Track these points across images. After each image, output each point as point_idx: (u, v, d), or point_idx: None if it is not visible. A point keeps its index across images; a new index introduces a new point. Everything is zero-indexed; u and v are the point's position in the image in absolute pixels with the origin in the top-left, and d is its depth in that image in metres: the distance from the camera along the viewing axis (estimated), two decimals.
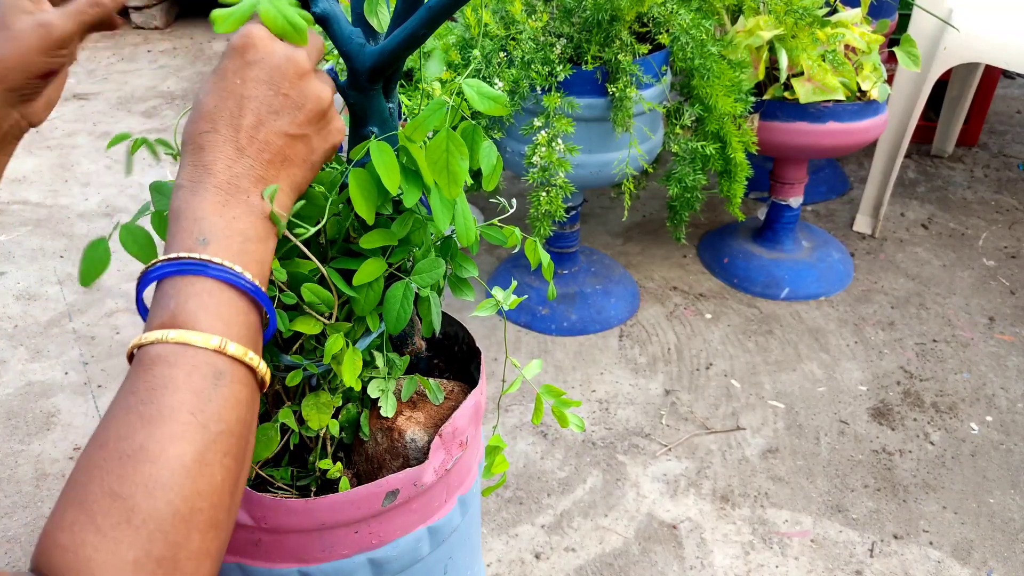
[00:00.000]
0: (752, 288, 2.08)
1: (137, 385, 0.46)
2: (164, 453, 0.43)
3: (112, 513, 0.42)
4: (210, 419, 0.46)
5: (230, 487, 0.47)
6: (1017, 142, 2.84)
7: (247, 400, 0.49)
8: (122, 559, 0.41)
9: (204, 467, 0.45)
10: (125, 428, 0.44)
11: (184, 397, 0.45)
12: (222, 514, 0.46)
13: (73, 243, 2.33)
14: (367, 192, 0.63)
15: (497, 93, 0.61)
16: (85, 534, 0.41)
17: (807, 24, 1.74)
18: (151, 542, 0.42)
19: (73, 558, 0.41)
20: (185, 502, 0.43)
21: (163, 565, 0.42)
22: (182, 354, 0.46)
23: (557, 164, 1.57)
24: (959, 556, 1.39)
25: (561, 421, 0.79)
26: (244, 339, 0.49)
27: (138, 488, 0.42)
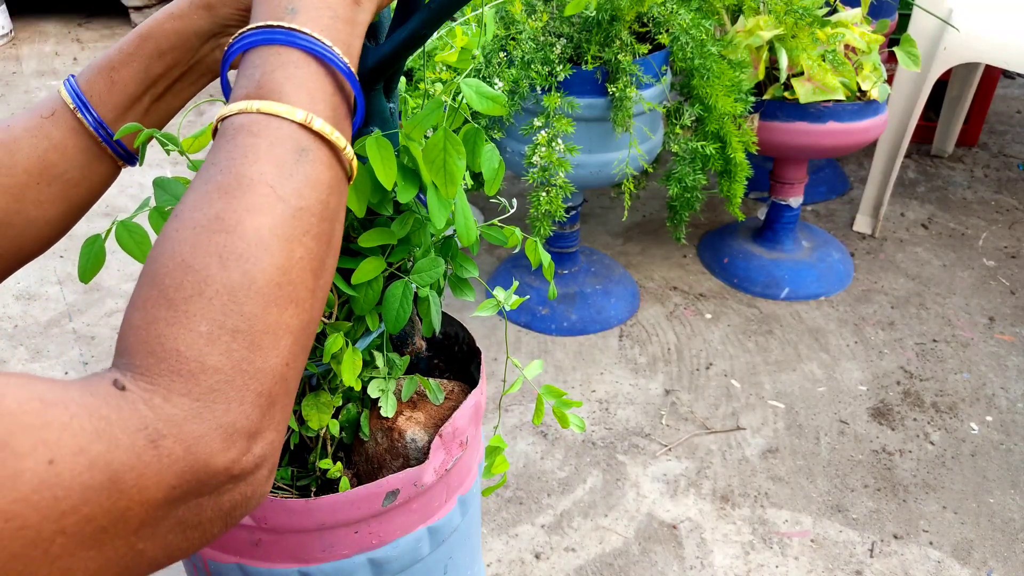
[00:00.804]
0: (752, 288, 2.08)
1: (218, 156, 0.44)
2: (240, 224, 0.41)
3: (185, 285, 0.40)
4: (290, 194, 0.43)
5: (312, 267, 0.44)
6: (1017, 142, 2.84)
7: (331, 183, 0.46)
8: (194, 331, 0.39)
9: (283, 241, 0.42)
10: (202, 199, 0.43)
11: (265, 168, 0.43)
12: (303, 292, 0.43)
13: (73, 243, 2.33)
14: (360, 186, 0.63)
15: (496, 93, 0.61)
16: (157, 310, 0.40)
17: (807, 24, 1.74)
18: (225, 313, 0.40)
19: (145, 336, 0.39)
20: (263, 274, 0.41)
21: (238, 337, 0.40)
22: (266, 125, 0.44)
23: (557, 164, 1.57)
24: (959, 556, 1.39)
25: (562, 422, 0.79)
26: (332, 118, 0.47)
27: (212, 259, 0.40)
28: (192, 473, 0.38)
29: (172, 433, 0.37)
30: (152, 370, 0.38)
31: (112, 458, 0.35)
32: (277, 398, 0.42)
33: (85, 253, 0.69)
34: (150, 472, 0.36)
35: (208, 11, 0.59)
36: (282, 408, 0.43)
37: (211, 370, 0.39)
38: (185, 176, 0.74)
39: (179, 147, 0.72)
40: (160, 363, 0.38)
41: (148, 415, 0.37)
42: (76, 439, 0.34)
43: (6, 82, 3.41)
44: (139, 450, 0.36)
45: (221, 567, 0.78)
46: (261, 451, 0.41)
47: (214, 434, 0.38)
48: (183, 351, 0.39)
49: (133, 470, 0.36)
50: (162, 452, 0.37)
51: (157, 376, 0.38)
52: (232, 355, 0.40)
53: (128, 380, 0.38)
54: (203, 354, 0.39)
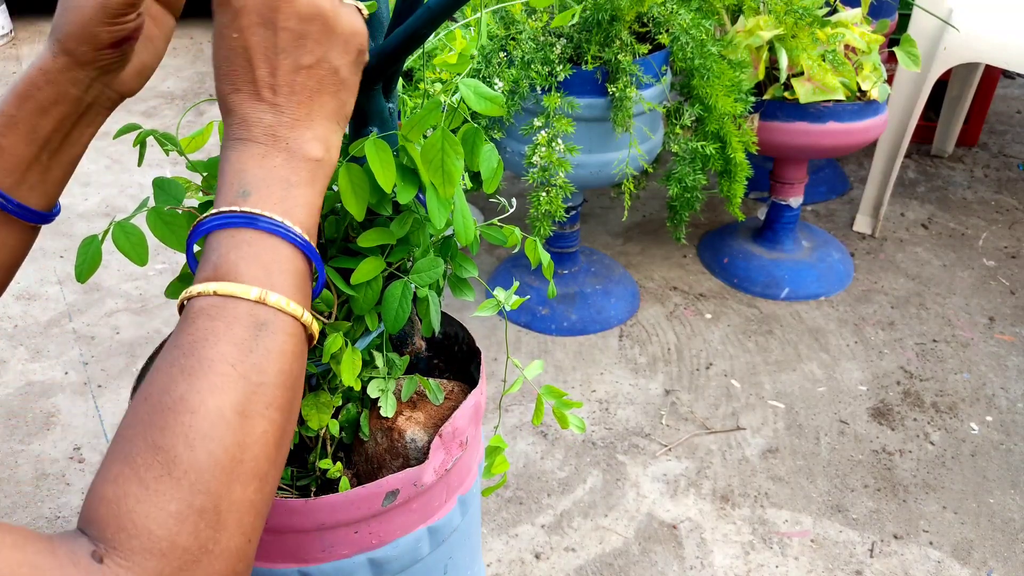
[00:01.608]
0: (752, 288, 2.08)
1: (181, 339, 0.46)
2: (203, 404, 0.44)
3: (154, 465, 0.42)
4: (250, 370, 0.46)
5: (274, 439, 0.46)
6: (1017, 142, 2.84)
7: (292, 351, 0.48)
8: (164, 511, 0.41)
9: (245, 418, 0.45)
10: (167, 381, 0.45)
11: (224, 349, 0.45)
12: (265, 466, 0.46)
13: (73, 243, 2.33)
14: (359, 188, 0.63)
15: (494, 93, 0.61)
16: (128, 486, 0.42)
17: (807, 24, 1.74)
18: (192, 493, 0.42)
19: (116, 511, 0.41)
20: (226, 452, 0.43)
21: (205, 516, 0.42)
22: (222, 306, 0.46)
23: (557, 164, 1.57)
24: (959, 556, 1.39)
25: (561, 422, 0.79)
26: (288, 288, 0.49)
27: (178, 439, 0.43)
28: None
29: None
30: (125, 546, 0.41)
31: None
32: (240, 570, 0.44)
33: (82, 253, 0.69)
34: None
35: (70, 57, 0.58)
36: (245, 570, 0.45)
37: (180, 550, 0.41)
38: (185, 176, 0.74)
39: (178, 147, 0.72)
40: (132, 540, 0.41)
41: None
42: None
43: (6, 82, 3.41)
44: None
45: None
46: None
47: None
48: (154, 530, 0.41)
49: None
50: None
51: (130, 552, 0.41)
52: (199, 535, 0.42)
53: (103, 552, 0.41)
54: (173, 534, 0.41)
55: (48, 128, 0.60)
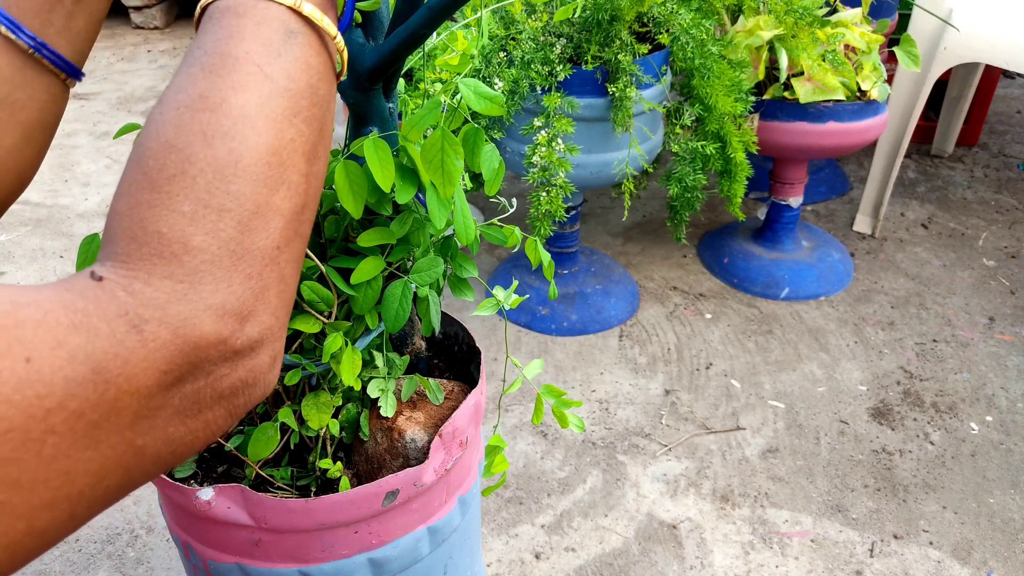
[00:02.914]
0: (752, 288, 2.08)
1: (203, 39, 0.42)
2: (226, 101, 0.40)
3: (167, 166, 0.38)
4: (278, 73, 0.42)
5: (304, 149, 0.42)
6: (1017, 142, 2.84)
7: (320, 69, 0.44)
8: (176, 211, 0.37)
9: (271, 120, 0.41)
10: (186, 80, 0.41)
11: (251, 47, 0.41)
12: (294, 176, 0.41)
13: (73, 243, 2.33)
14: (356, 186, 0.63)
15: (494, 93, 0.61)
16: (140, 193, 0.38)
17: (807, 24, 1.74)
18: (210, 192, 0.38)
19: (128, 222, 0.38)
20: (250, 152, 0.39)
21: (224, 216, 0.38)
22: (252, 5, 0.42)
23: (557, 164, 1.57)
24: (959, 556, 1.39)
25: (561, 421, 0.79)
26: (319, 5, 0.45)
27: (195, 137, 0.39)
28: (182, 356, 0.36)
29: (155, 317, 0.36)
30: (133, 255, 0.37)
31: (93, 348, 0.34)
32: (270, 283, 0.40)
33: (83, 251, 0.69)
34: (136, 358, 0.35)
35: None
36: (278, 294, 0.41)
37: (195, 250, 0.37)
38: None
39: None
40: (141, 247, 0.37)
41: (128, 301, 0.36)
42: (52, 333, 0.33)
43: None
44: (121, 337, 0.35)
45: (221, 567, 0.78)
46: (256, 334, 0.40)
47: (202, 315, 0.37)
48: (165, 232, 0.37)
49: (117, 358, 0.34)
50: (147, 337, 0.35)
51: (138, 261, 0.37)
52: (218, 234, 0.38)
53: (107, 269, 0.37)
54: (186, 234, 0.37)
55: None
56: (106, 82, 3.47)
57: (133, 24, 4.14)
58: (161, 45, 3.90)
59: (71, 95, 0.84)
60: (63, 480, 0.33)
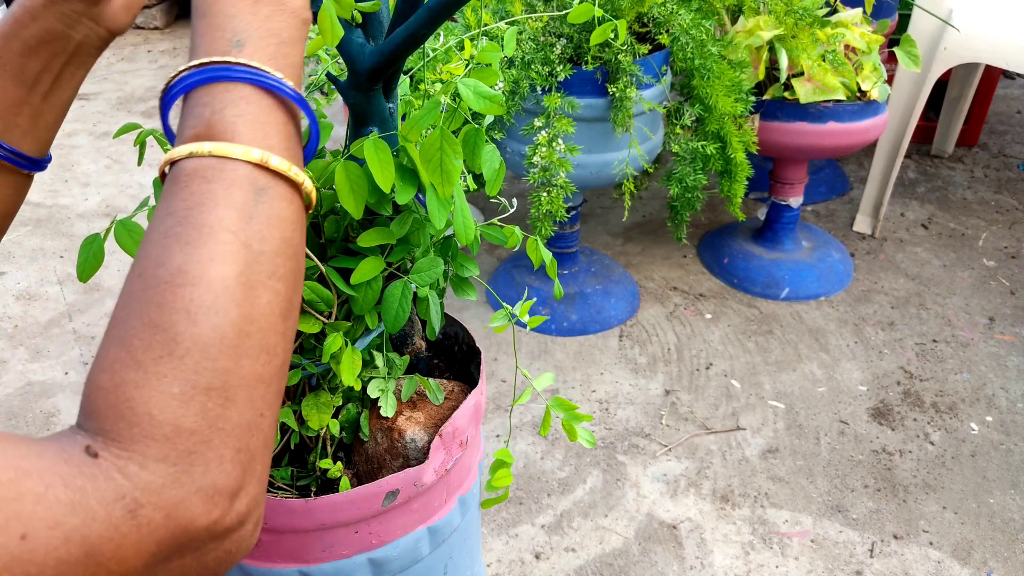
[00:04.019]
0: (752, 288, 2.08)
1: (173, 205, 0.42)
2: (205, 275, 0.40)
3: (153, 346, 0.38)
4: (252, 238, 0.42)
5: (280, 310, 0.43)
6: (1017, 142, 2.84)
7: (292, 219, 0.45)
8: (165, 394, 0.37)
9: (249, 289, 0.41)
10: (162, 252, 0.40)
11: (223, 214, 0.41)
12: (273, 338, 0.42)
13: (73, 243, 2.33)
14: (357, 186, 0.63)
15: (494, 93, 0.61)
16: (125, 373, 0.38)
17: (807, 24, 1.74)
18: (197, 372, 0.38)
19: (114, 400, 0.37)
20: (232, 326, 0.40)
21: (212, 395, 0.38)
22: (220, 168, 0.42)
23: (558, 164, 1.57)
24: (959, 556, 1.39)
25: (570, 435, 0.79)
26: (286, 153, 0.45)
27: (179, 315, 0.39)
28: (173, 539, 0.37)
29: (151, 501, 0.36)
30: (124, 435, 0.37)
31: (89, 531, 0.34)
32: (256, 451, 0.41)
33: (84, 252, 0.69)
34: (129, 542, 0.35)
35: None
36: (262, 460, 0.42)
37: (187, 432, 0.38)
38: None
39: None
40: (132, 428, 0.37)
41: (124, 484, 0.36)
42: (51, 512, 0.33)
43: None
44: (117, 521, 0.35)
45: None
46: (244, 508, 0.40)
47: (194, 497, 0.37)
48: (156, 415, 0.37)
49: (111, 542, 0.35)
50: (141, 521, 0.36)
51: (130, 442, 0.37)
52: (207, 414, 0.38)
53: (100, 446, 0.37)
54: (177, 416, 0.37)
55: (36, 68, 0.58)
56: (106, 82, 3.47)
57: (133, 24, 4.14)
58: (161, 45, 3.90)
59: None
60: None
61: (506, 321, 0.77)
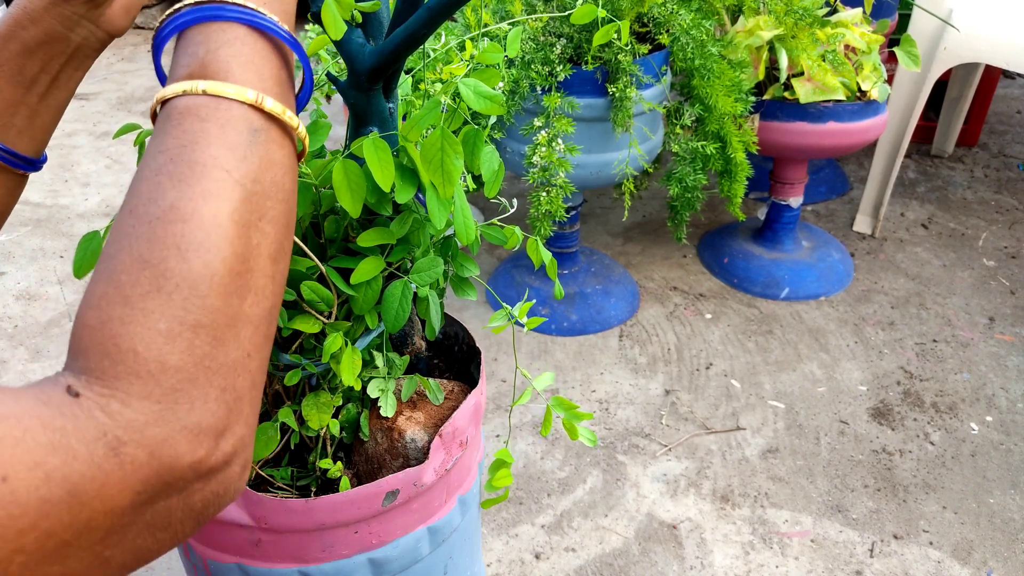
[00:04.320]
0: (752, 288, 2.08)
1: (166, 142, 0.41)
2: (197, 212, 0.39)
3: (141, 281, 0.38)
4: (246, 177, 0.41)
5: (270, 252, 0.42)
6: (1017, 142, 2.84)
7: (284, 163, 0.44)
8: (152, 330, 0.37)
9: (241, 228, 0.40)
10: (154, 189, 0.40)
11: (217, 152, 0.41)
12: (262, 280, 0.42)
13: (73, 243, 2.33)
14: (355, 185, 0.63)
15: (494, 92, 0.61)
16: (112, 309, 0.37)
17: (807, 24, 1.74)
18: (185, 309, 0.38)
19: (100, 337, 0.37)
20: (223, 264, 0.39)
21: (199, 332, 0.38)
22: (214, 107, 0.42)
23: (557, 164, 1.57)
24: (959, 556, 1.39)
25: (571, 434, 0.79)
26: (280, 97, 0.45)
27: (170, 250, 0.38)
28: (158, 477, 0.36)
29: (133, 439, 0.36)
30: (108, 373, 0.36)
31: (70, 471, 0.34)
32: (243, 392, 0.40)
33: (82, 249, 0.69)
34: (112, 481, 0.35)
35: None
36: (250, 401, 0.41)
37: (172, 369, 0.37)
38: None
39: None
40: (116, 365, 0.37)
41: (106, 422, 0.35)
42: (30, 454, 0.33)
43: None
44: (99, 460, 0.35)
45: (221, 567, 0.78)
46: (231, 447, 0.40)
47: (179, 435, 0.37)
48: (141, 351, 0.37)
49: (94, 480, 0.34)
50: (124, 459, 0.35)
51: (114, 379, 0.36)
52: (194, 352, 0.38)
53: (83, 385, 0.36)
54: (163, 353, 0.37)
55: (35, 70, 0.58)
56: (106, 82, 3.47)
57: (133, 24, 4.13)
58: None
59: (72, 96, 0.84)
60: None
61: (505, 322, 0.77)
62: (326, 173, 0.67)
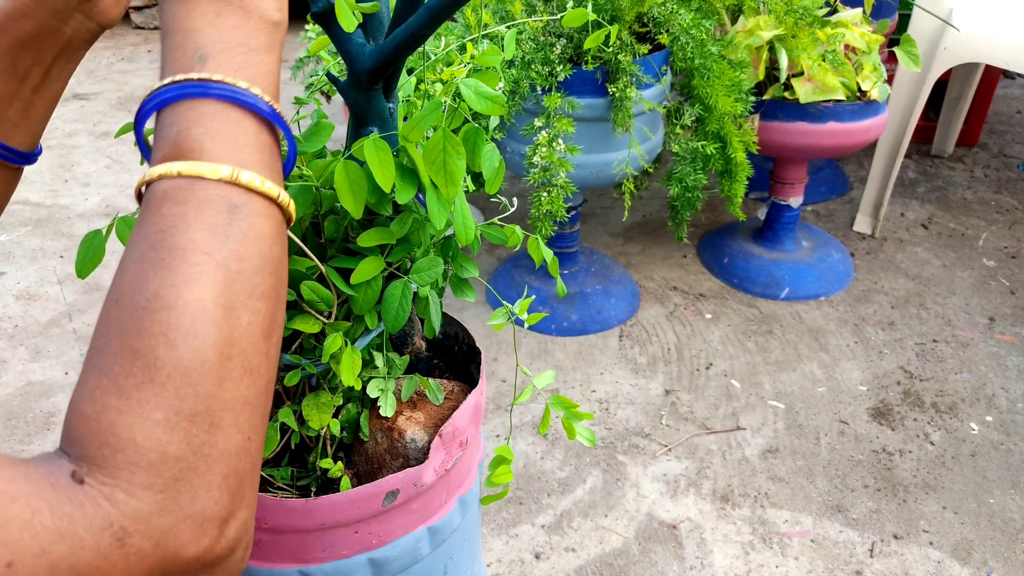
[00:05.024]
0: (752, 288, 2.08)
1: (146, 229, 0.41)
2: (180, 298, 0.39)
3: (133, 372, 0.37)
4: (228, 257, 0.41)
5: (262, 329, 0.42)
6: (1017, 142, 2.84)
7: (270, 234, 0.43)
8: (149, 420, 0.37)
9: (228, 310, 0.40)
10: (136, 278, 0.40)
11: (196, 236, 0.40)
12: (256, 359, 0.41)
13: (73, 243, 2.33)
14: (356, 186, 0.63)
15: (495, 93, 0.61)
16: (107, 399, 0.37)
17: (807, 24, 1.74)
18: (179, 398, 0.37)
19: (97, 427, 0.37)
20: (212, 349, 0.39)
21: (196, 420, 0.38)
22: (190, 188, 0.41)
23: (558, 164, 1.57)
24: (959, 556, 1.39)
25: (570, 433, 0.78)
26: (259, 166, 0.44)
27: (157, 340, 0.38)
28: (163, 567, 0.36)
29: (139, 529, 0.35)
30: (109, 462, 0.36)
31: (76, 560, 0.33)
32: (244, 475, 0.40)
33: (84, 248, 0.69)
34: (117, 572, 0.35)
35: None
36: (251, 484, 0.41)
37: (172, 459, 0.37)
38: None
39: None
40: (116, 454, 0.36)
41: (112, 512, 0.35)
42: (38, 540, 0.33)
43: None
44: (105, 550, 0.34)
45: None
46: (235, 534, 0.40)
47: (183, 525, 0.37)
48: (140, 441, 0.37)
49: (99, 571, 0.34)
50: (129, 550, 0.35)
51: (115, 469, 0.36)
52: (192, 441, 0.38)
53: (86, 472, 0.36)
54: (162, 443, 0.37)
55: (27, 63, 0.57)
56: (106, 82, 3.47)
57: (133, 24, 4.13)
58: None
59: (72, 95, 0.83)
60: None
61: (505, 319, 0.77)
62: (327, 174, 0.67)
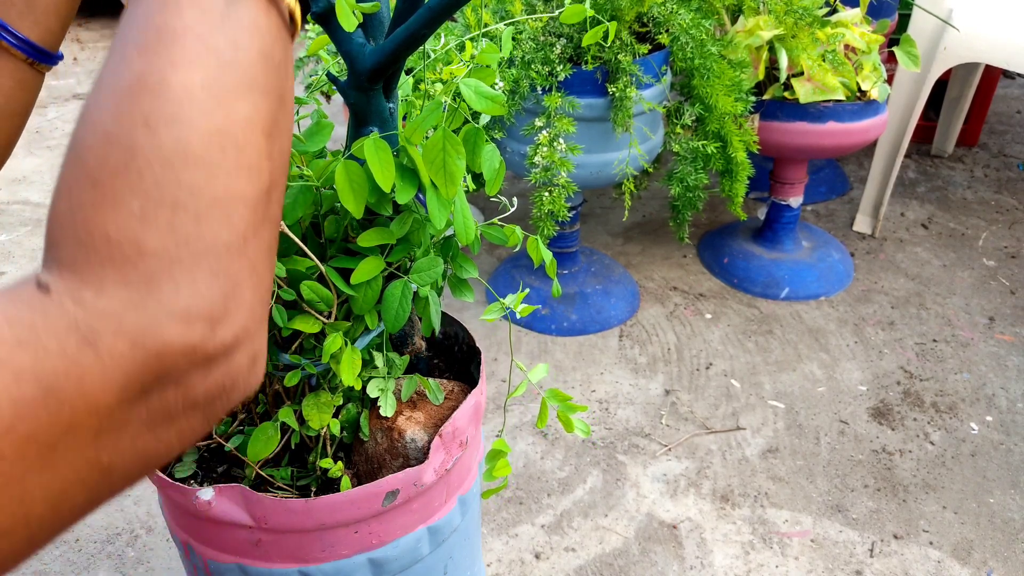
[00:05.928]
0: (752, 288, 2.08)
1: (134, 11, 0.38)
2: (165, 81, 0.35)
3: (109, 160, 0.34)
4: (223, 44, 0.37)
5: (262, 125, 0.38)
6: (1017, 142, 2.84)
7: (271, 30, 0.40)
8: (124, 211, 0.34)
9: (219, 98, 0.36)
10: (119, 61, 0.36)
11: (189, 17, 0.37)
12: (254, 156, 0.37)
13: None
14: (357, 186, 0.63)
15: (495, 93, 0.61)
16: (82, 193, 0.34)
17: (807, 24, 1.74)
18: (159, 187, 0.34)
19: (71, 225, 0.34)
20: (199, 138, 0.35)
21: (179, 211, 0.34)
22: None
23: (559, 164, 1.57)
24: (959, 556, 1.39)
25: (566, 426, 0.79)
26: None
27: (136, 125, 0.35)
28: (144, 367, 0.33)
29: (110, 328, 0.33)
30: (80, 262, 0.33)
31: (41, 367, 0.31)
32: (241, 278, 0.37)
33: None
34: (91, 376, 0.32)
35: None
36: (251, 288, 0.37)
37: (150, 253, 0.34)
38: None
39: None
40: (88, 253, 0.33)
41: (77, 313, 0.32)
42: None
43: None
44: (73, 353, 0.32)
45: (221, 567, 0.78)
46: (231, 336, 0.36)
47: (164, 320, 0.34)
48: (113, 235, 0.33)
49: (70, 376, 0.31)
50: (102, 351, 0.32)
51: (86, 268, 0.33)
52: (175, 232, 0.34)
53: (54, 277, 0.33)
54: (138, 235, 0.34)
55: None
56: None
57: None
58: None
59: (72, 95, 0.81)
60: (17, 506, 0.31)
61: (499, 313, 0.77)
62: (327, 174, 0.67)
